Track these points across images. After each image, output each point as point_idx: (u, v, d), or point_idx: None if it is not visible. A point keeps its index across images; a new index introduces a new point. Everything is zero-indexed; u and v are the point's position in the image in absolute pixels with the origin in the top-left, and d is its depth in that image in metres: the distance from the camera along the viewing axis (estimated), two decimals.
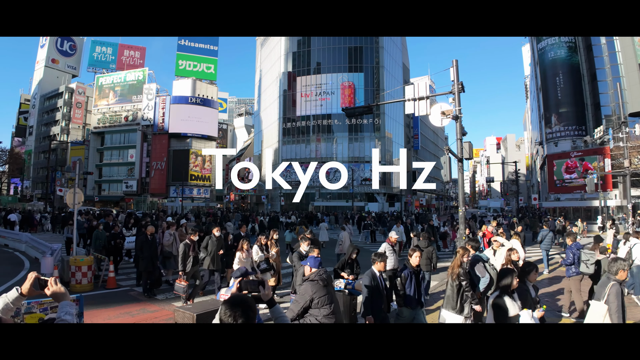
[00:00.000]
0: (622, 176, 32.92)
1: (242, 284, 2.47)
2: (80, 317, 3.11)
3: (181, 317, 3.19)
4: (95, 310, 8.13)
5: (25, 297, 2.25)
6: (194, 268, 8.93)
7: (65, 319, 2.01)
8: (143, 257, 9.60)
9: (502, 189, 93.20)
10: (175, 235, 11.36)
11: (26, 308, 2.93)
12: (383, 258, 5.63)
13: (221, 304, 2.03)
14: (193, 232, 9.36)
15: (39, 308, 2.98)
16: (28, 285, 2.19)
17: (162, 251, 11.01)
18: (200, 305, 3.35)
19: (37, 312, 2.97)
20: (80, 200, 11.63)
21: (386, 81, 60.66)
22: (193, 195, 63.33)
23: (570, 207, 44.96)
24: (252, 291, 2.43)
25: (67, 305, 2.11)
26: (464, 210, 12.33)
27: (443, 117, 11.80)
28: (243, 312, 1.93)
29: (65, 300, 2.15)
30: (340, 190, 56.73)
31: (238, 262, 8.58)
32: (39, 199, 57.29)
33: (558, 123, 48.44)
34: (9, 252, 17.11)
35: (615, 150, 37.01)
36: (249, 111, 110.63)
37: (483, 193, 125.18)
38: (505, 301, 4.14)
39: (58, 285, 2.19)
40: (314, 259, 5.04)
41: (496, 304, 4.20)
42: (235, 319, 1.91)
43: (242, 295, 2.25)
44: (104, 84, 69.06)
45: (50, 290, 2.17)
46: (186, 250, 8.73)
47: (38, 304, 2.99)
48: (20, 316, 2.89)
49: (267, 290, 2.46)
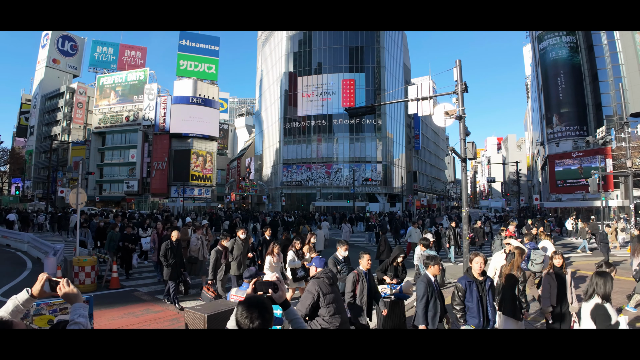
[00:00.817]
0: (624, 176, 32.88)
1: (257, 285, 2.46)
2: (90, 318, 3.08)
3: (191, 318, 3.16)
4: (99, 310, 8.09)
5: (36, 299, 2.21)
6: (226, 277, 8.39)
7: (80, 322, 1.98)
8: (167, 265, 8.53)
9: (503, 189, 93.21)
10: (203, 240, 10.45)
11: (35, 310, 2.90)
12: (437, 261, 5.22)
13: (237, 304, 2.01)
14: (224, 236, 8.82)
15: (49, 310, 2.96)
16: (39, 287, 2.16)
17: (189, 257, 10.21)
18: (211, 306, 3.32)
19: (47, 314, 2.95)
20: (83, 200, 11.62)
21: (387, 81, 60.64)
22: (194, 195, 63.34)
23: (572, 207, 44.92)
24: (266, 292, 2.42)
25: (80, 307, 2.08)
26: (467, 210, 12.30)
27: (446, 117, 11.75)
28: (260, 314, 1.90)
29: (77, 302, 2.12)
30: (342, 191, 56.76)
31: (269, 267, 7.98)
32: (40, 199, 57.33)
33: (559, 123, 48.40)
34: (10, 252, 17.08)
35: (617, 151, 37.01)
36: (250, 111, 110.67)
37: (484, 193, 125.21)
38: (607, 308, 3.79)
39: (71, 287, 2.16)
40: (319, 259, 5.05)
41: (600, 312, 3.77)
42: (252, 321, 1.88)
43: (259, 296, 2.23)
44: (105, 84, 69.10)
45: (62, 291, 2.14)
46: (218, 258, 8.08)
47: (47, 306, 2.96)
48: (29, 318, 2.87)
49: (282, 292, 2.45)
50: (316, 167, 60.22)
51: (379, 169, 58.85)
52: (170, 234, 9.21)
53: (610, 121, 43.60)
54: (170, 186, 62.39)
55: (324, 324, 4.23)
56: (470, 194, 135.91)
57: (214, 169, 68.81)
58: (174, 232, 9.06)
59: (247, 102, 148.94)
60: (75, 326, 1.97)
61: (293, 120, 62.91)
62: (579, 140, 46.18)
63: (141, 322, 7.41)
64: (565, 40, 48.66)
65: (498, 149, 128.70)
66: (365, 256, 5.55)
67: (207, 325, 2.98)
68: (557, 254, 6.09)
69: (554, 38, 49.44)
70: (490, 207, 63.51)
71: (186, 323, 3.20)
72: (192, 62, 67.91)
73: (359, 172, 56.96)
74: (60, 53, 76.90)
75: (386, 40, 62.11)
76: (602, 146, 41.93)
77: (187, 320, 3.19)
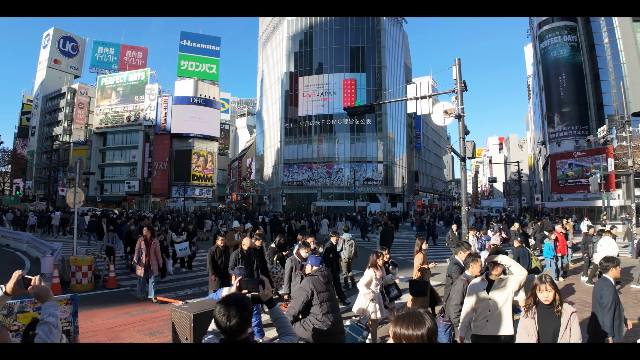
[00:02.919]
0: (626, 176, 32.73)
1: (242, 283, 2.43)
2: (74, 316, 3.04)
3: (178, 317, 3.12)
4: (94, 310, 8.08)
5: (10, 296, 2.17)
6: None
7: (49, 321, 1.92)
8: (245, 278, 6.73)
9: (505, 189, 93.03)
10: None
11: (19, 307, 2.86)
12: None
13: (216, 303, 1.97)
14: (305, 246, 6.79)
15: (33, 307, 2.91)
16: (12, 284, 2.12)
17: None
18: (197, 305, 3.28)
19: (31, 312, 2.90)
20: (81, 200, 11.59)
21: (388, 81, 60.58)
22: (195, 195, 63.41)
23: (573, 207, 44.79)
24: (251, 290, 2.38)
25: (50, 306, 2.01)
26: (466, 210, 12.24)
27: (445, 115, 11.71)
28: (238, 312, 1.88)
29: (48, 301, 2.07)
30: (343, 191, 56.71)
31: (374, 284, 6.05)
32: (41, 199, 57.44)
33: (561, 123, 48.26)
34: (9, 251, 17.11)
35: (618, 150, 36.86)
36: (251, 111, 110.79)
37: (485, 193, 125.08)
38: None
39: (41, 284, 2.11)
40: (315, 257, 5.00)
41: None
42: (229, 319, 1.86)
43: (238, 294, 2.19)
44: (106, 85, 69.22)
45: (33, 289, 2.10)
46: (293, 268, 6.68)
47: (32, 303, 2.92)
48: (13, 315, 2.83)
49: (267, 290, 2.40)
50: (317, 167, 60.21)
51: (380, 169, 58.80)
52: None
53: (611, 120, 43.43)
54: (171, 186, 62.47)
55: (317, 323, 4.20)
56: (472, 194, 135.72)
57: (215, 169, 68.88)
58: (245, 240, 7.55)
59: (248, 102, 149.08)
60: (44, 326, 1.90)
61: (294, 120, 62.91)
62: (581, 140, 46.03)
63: (137, 322, 7.37)
64: (567, 39, 48.50)
65: (500, 149, 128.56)
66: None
67: (192, 324, 2.94)
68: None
69: (555, 37, 49.28)
70: (491, 206, 63.39)
71: (173, 322, 3.16)
72: (193, 63, 67.97)
73: (360, 172, 56.92)
74: (61, 53, 77.06)
75: (387, 40, 62.04)
76: (604, 145, 41.76)
77: (174, 320, 3.16)
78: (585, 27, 47.86)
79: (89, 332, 6.57)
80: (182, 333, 3.14)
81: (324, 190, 59.00)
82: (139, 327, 7.01)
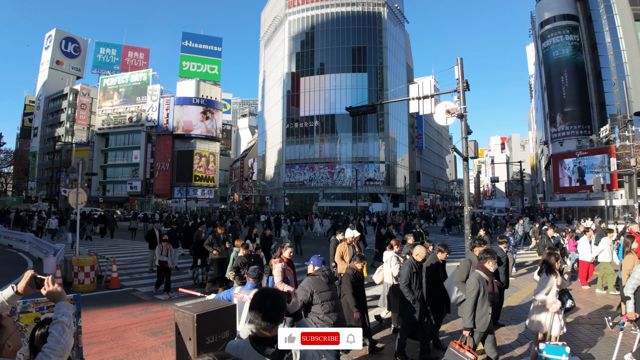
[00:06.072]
0: (628, 175, 32.66)
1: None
2: (77, 317, 3.04)
3: (181, 317, 3.11)
4: (97, 310, 8.09)
5: (21, 296, 2.20)
6: None
7: (63, 320, 1.96)
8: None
9: (507, 189, 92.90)
10: None
11: (22, 307, 2.86)
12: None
13: (254, 293, 2.05)
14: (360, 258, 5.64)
15: (35, 307, 2.91)
16: (24, 284, 2.14)
17: None
18: (201, 305, 3.27)
19: (33, 312, 2.90)
20: (83, 200, 11.60)
21: (390, 81, 60.47)
22: (197, 195, 63.47)
23: (576, 207, 44.66)
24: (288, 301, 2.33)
25: (63, 306, 2.05)
26: (469, 210, 12.20)
27: (448, 115, 11.65)
28: (273, 300, 1.96)
29: (62, 301, 2.09)
30: (344, 191, 56.68)
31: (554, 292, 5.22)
32: (43, 200, 57.61)
33: (563, 122, 48.12)
34: (12, 252, 17.15)
35: (621, 150, 36.75)
36: (253, 112, 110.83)
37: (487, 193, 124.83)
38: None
39: (55, 285, 2.12)
40: (317, 257, 5.01)
41: None
42: (265, 302, 1.95)
43: (272, 288, 2.23)
44: (108, 86, 69.37)
45: (47, 289, 2.11)
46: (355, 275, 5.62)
47: (34, 303, 2.92)
48: (16, 315, 2.83)
49: (295, 301, 2.38)
50: (319, 167, 60.19)
51: (382, 169, 58.74)
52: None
53: (614, 120, 43.31)
54: (173, 187, 62.55)
55: (318, 322, 4.22)
56: (474, 193, 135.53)
57: (216, 170, 68.96)
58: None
59: (250, 102, 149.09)
60: (58, 325, 1.95)
61: (296, 120, 62.90)
62: (583, 139, 45.90)
63: (139, 322, 7.37)
64: (569, 39, 48.37)
65: (502, 149, 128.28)
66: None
67: (196, 324, 2.93)
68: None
69: (557, 37, 49.16)
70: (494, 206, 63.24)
71: (176, 322, 3.16)
72: (194, 63, 68.07)
73: (362, 172, 56.88)
74: (63, 55, 77.31)
75: (389, 40, 61.96)
76: (606, 145, 41.65)
77: (177, 320, 3.15)
78: (587, 26, 47.73)
79: (92, 332, 6.57)
80: (186, 333, 3.13)
81: (326, 191, 58.95)
82: (142, 328, 7.00)
